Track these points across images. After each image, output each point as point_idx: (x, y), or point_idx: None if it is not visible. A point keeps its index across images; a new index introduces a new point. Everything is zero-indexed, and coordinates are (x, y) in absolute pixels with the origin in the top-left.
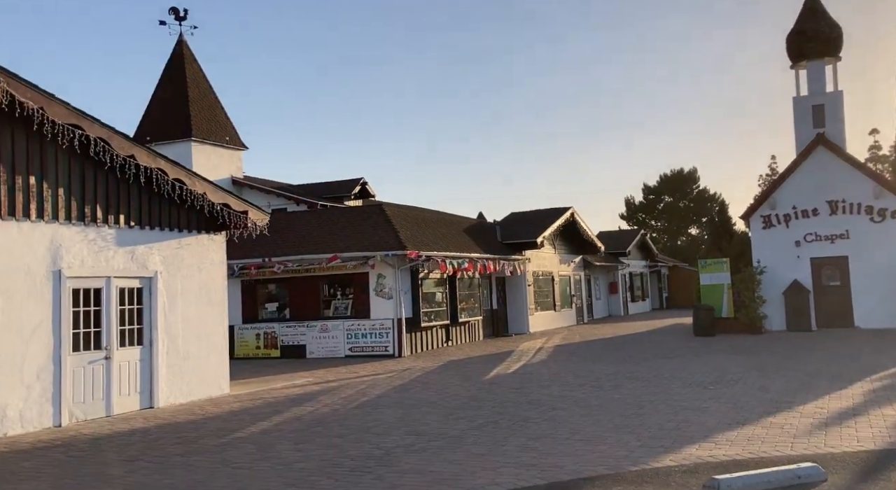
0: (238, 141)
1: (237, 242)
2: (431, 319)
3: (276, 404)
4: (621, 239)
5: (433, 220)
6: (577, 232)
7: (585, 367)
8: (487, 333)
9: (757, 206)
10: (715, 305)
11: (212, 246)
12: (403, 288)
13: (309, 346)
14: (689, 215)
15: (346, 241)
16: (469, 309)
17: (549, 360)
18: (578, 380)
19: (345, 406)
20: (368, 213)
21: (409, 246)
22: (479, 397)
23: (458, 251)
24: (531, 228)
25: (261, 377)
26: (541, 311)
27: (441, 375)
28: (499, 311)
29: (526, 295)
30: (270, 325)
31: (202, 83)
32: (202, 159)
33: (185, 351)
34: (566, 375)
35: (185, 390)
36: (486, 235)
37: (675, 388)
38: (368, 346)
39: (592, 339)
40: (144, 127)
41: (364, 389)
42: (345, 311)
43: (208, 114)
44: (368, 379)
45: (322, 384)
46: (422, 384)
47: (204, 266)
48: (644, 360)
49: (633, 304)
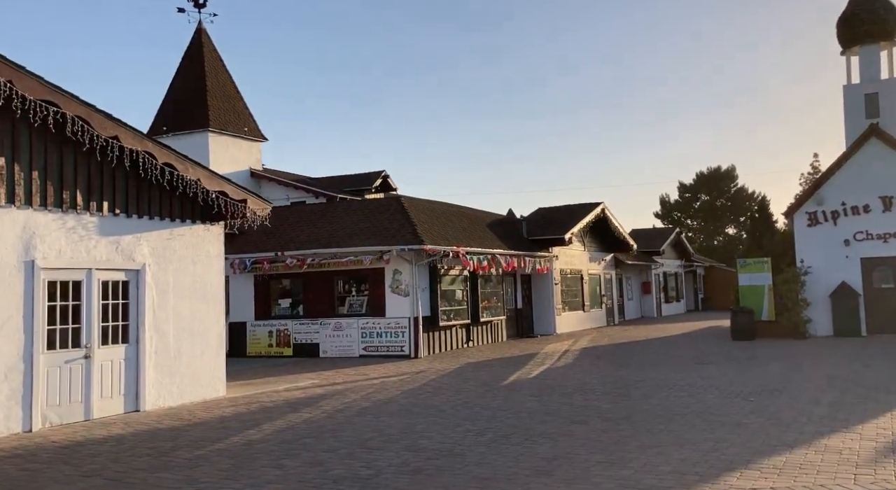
0: (257, 132)
1: (249, 236)
2: (451, 318)
3: (271, 409)
4: (655, 237)
5: (454, 213)
6: (608, 228)
7: (613, 373)
8: (511, 334)
9: (802, 201)
10: (755, 308)
11: (208, 237)
12: (421, 285)
13: (322, 344)
14: (726, 214)
15: (360, 235)
16: (492, 308)
17: (575, 365)
18: (604, 387)
19: (345, 413)
20: (385, 206)
21: (427, 240)
22: (492, 406)
23: (480, 247)
24: (559, 224)
25: (265, 378)
26: (568, 312)
27: (456, 379)
28: (524, 311)
29: (553, 294)
30: (283, 322)
31: (221, 73)
32: (220, 151)
33: (177, 350)
34: (591, 382)
35: (175, 392)
36: (511, 231)
37: (712, 399)
38: (383, 346)
39: (622, 341)
40: (161, 118)
41: (370, 394)
42: (359, 309)
43: (227, 104)
44: (377, 382)
45: (327, 387)
46: (433, 389)
47: (199, 258)
48: (678, 366)
49: (667, 306)
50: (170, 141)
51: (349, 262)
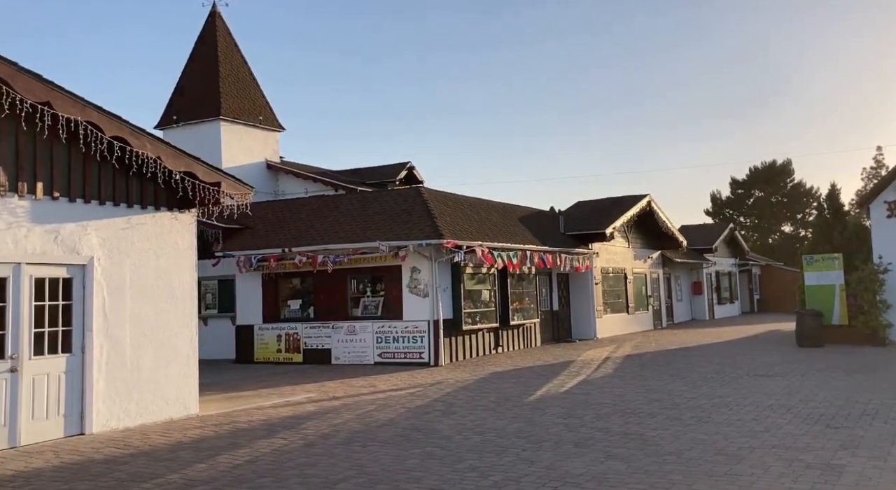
0: (274, 121)
1: (256, 231)
2: (476, 321)
3: (242, 433)
4: (707, 233)
5: (482, 207)
6: (654, 223)
7: (660, 387)
8: (546, 338)
9: (880, 189)
10: (824, 310)
11: (175, 226)
12: (442, 284)
13: (334, 350)
14: (781, 211)
15: (375, 230)
16: (524, 310)
17: (615, 376)
18: (649, 406)
19: (328, 439)
20: (404, 198)
21: (448, 234)
22: (509, 431)
23: (510, 242)
24: (600, 218)
25: (260, 389)
26: (610, 314)
27: (474, 394)
28: (560, 313)
29: (593, 294)
30: (293, 325)
31: (235, 58)
32: (233, 140)
33: (135, 360)
34: (634, 399)
35: (132, 411)
36: (546, 226)
37: (785, 426)
38: (400, 353)
39: (671, 347)
40: (173, 107)
41: (368, 413)
42: (374, 311)
43: (241, 91)
44: (383, 396)
45: (323, 402)
46: (445, 406)
47: (164, 251)
48: (737, 378)
49: (720, 307)
50: (180, 131)
51: (363, 258)
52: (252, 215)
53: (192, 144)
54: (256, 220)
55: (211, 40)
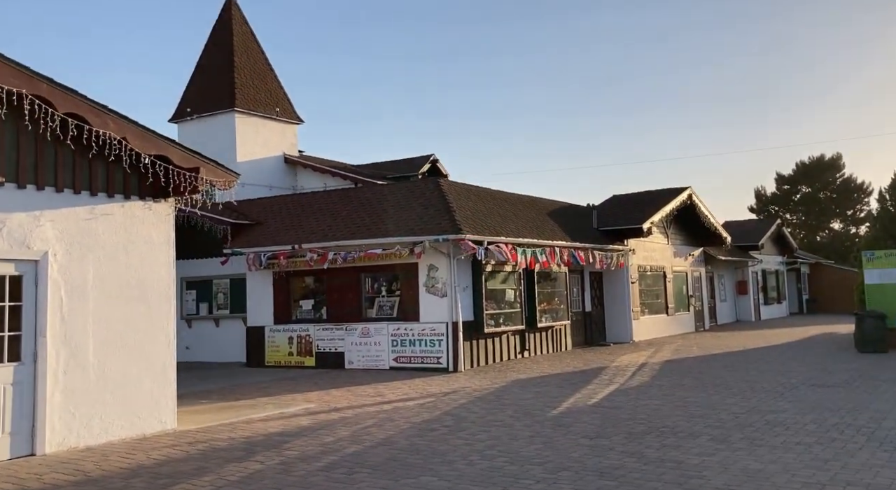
0: (292, 113)
1: (267, 227)
2: (499, 324)
3: (217, 454)
4: (752, 230)
5: (506, 200)
6: (696, 218)
7: (703, 399)
8: (578, 342)
9: None
10: (888, 312)
11: (149, 218)
12: (461, 283)
13: (348, 354)
14: (830, 207)
15: (389, 224)
16: (552, 311)
17: (653, 385)
18: (691, 423)
19: (310, 463)
20: (421, 190)
21: (467, 229)
22: (524, 455)
23: (536, 238)
24: (637, 212)
25: (257, 398)
26: (648, 315)
27: (491, 405)
28: (593, 315)
29: (628, 294)
30: (305, 327)
31: (252, 48)
32: (249, 133)
33: (100, 369)
34: (673, 414)
35: (96, 428)
36: (577, 221)
37: (858, 452)
38: (417, 357)
39: (715, 352)
40: (186, 100)
41: (367, 429)
42: (390, 312)
43: (257, 82)
44: (389, 408)
45: (320, 415)
46: (454, 422)
47: (135, 246)
48: (791, 389)
49: (767, 308)
50: (194, 125)
51: (376, 256)
52: (263, 211)
53: (206, 138)
54: (267, 215)
55: (226, 29)
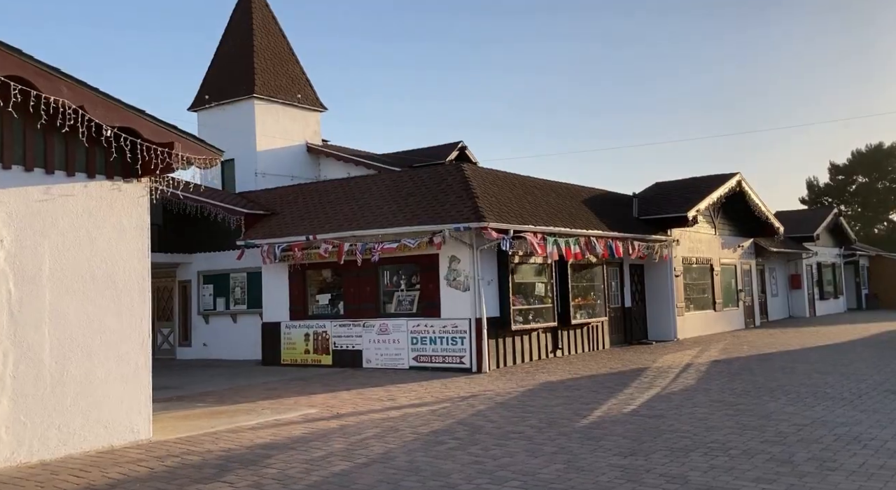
0: (315, 100)
1: (282, 217)
2: (528, 320)
3: (185, 473)
4: (806, 220)
5: (536, 186)
6: (746, 207)
7: (757, 407)
8: (616, 340)
9: None
10: None
11: (119, 201)
12: (486, 276)
13: (365, 352)
14: (889, 198)
15: (407, 213)
16: (588, 306)
17: (699, 389)
18: (744, 437)
19: (287, 487)
20: (442, 176)
21: (491, 217)
22: (542, 478)
23: (569, 227)
24: (681, 200)
25: (257, 401)
26: (693, 311)
27: (513, 412)
28: (633, 311)
29: (672, 288)
30: (321, 323)
31: (272, 31)
32: (269, 121)
33: (58, 373)
34: (722, 425)
35: (52, 440)
36: (616, 210)
37: None
38: (438, 357)
39: (768, 351)
40: (206, 86)
41: (366, 440)
42: (409, 307)
43: (278, 67)
44: (397, 415)
45: (318, 423)
46: (467, 433)
47: (101, 232)
48: (861, 395)
49: (822, 303)
50: (213, 113)
51: (394, 247)
52: (279, 200)
53: (225, 127)
54: (283, 205)
55: (246, 12)
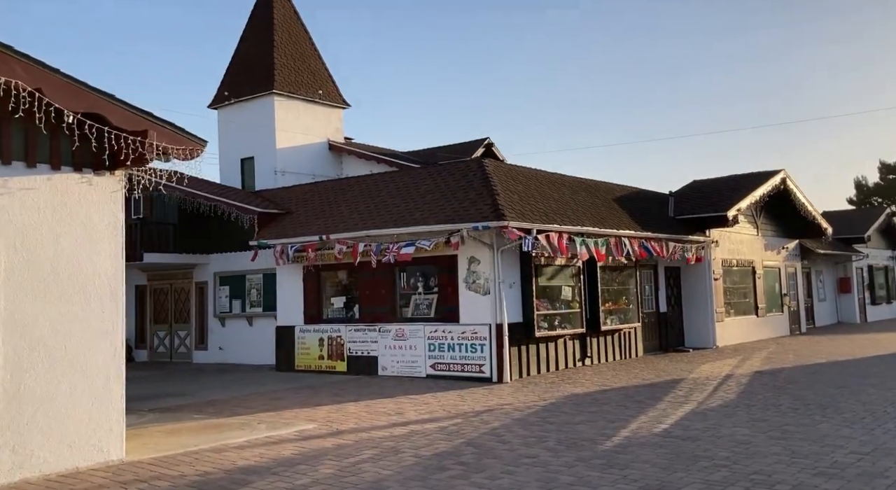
0: (337, 97)
1: (297, 216)
2: (554, 326)
3: None
4: (855, 220)
5: (563, 183)
6: (791, 206)
7: (808, 429)
8: (650, 347)
9: None
10: None
11: (88, 195)
12: (508, 278)
13: (381, 359)
14: None
15: (424, 211)
16: (619, 311)
17: (739, 406)
18: (794, 468)
19: None
20: (462, 172)
21: (512, 215)
22: None
23: (597, 226)
24: (720, 199)
25: (257, 414)
26: (734, 317)
27: (529, 432)
28: (669, 316)
29: (710, 292)
30: (336, 327)
31: (294, 27)
32: (289, 118)
33: (13, 387)
34: (767, 451)
35: (5, 462)
36: (651, 209)
37: None
38: (456, 365)
39: (817, 361)
40: (226, 83)
41: (358, 465)
42: (427, 311)
43: (299, 63)
44: (401, 432)
45: (310, 442)
46: (475, 456)
47: (69, 230)
48: None
49: (874, 308)
50: (232, 110)
51: (410, 251)
52: (294, 199)
53: (245, 124)
54: (299, 204)
55: (267, 6)
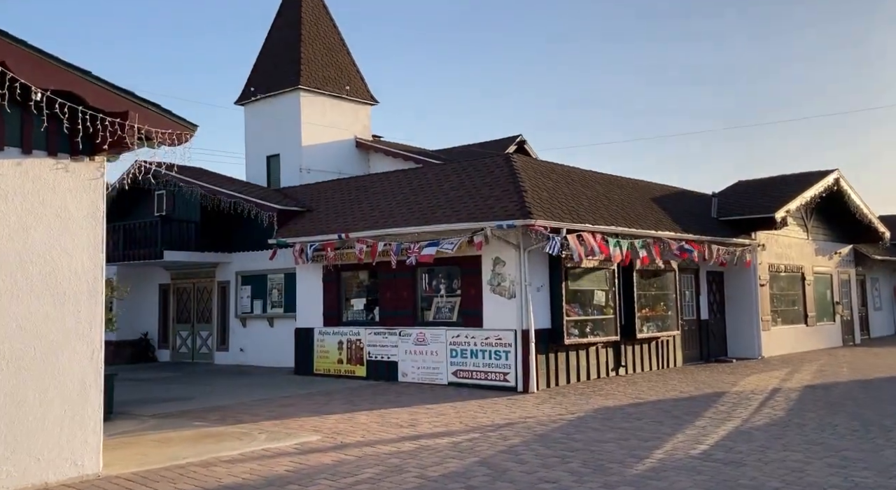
0: (365, 93)
1: (317, 213)
2: (585, 333)
3: None
4: None
5: (597, 181)
6: (844, 208)
7: (871, 456)
8: (690, 356)
9: None
10: None
11: (64, 182)
12: (536, 281)
13: (401, 364)
14: None
15: (446, 209)
16: (657, 318)
17: (790, 424)
18: None
19: None
20: (489, 168)
21: (539, 213)
22: None
23: (634, 227)
24: (767, 200)
25: (260, 422)
26: (781, 325)
27: (551, 451)
28: (711, 324)
29: (756, 299)
30: (356, 330)
31: (322, 21)
32: (315, 114)
33: None
34: (826, 483)
35: None
36: (692, 209)
37: None
38: (479, 373)
39: (875, 375)
40: (253, 79)
41: (356, 485)
42: (449, 315)
43: (327, 57)
44: (410, 448)
45: (308, 457)
46: (488, 479)
47: (41, 220)
48: None
49: None
50: (259, 106)
51: (431, 253)
52: (316, 196)
53: (270, 120)
54: (320, 201)
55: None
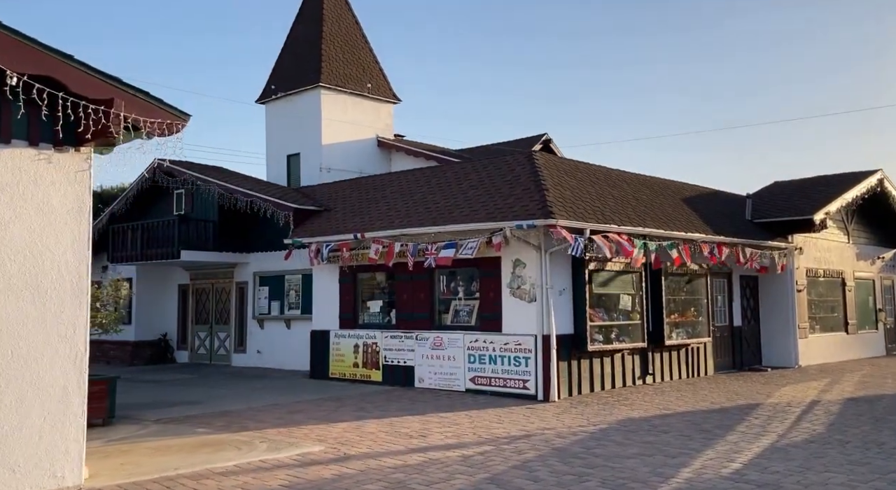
0: (387, 91)
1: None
2: (611, 339)
3: None
4: None
5: (623, 180)
6: (888, 211)
7: None
8: (722, 365)
9: None
10: None
11: (46, 175)
12: (558, 284)
13: (418, 369)
14: None
15: (465, 208)
16: (687, 324)
17: (831, 441)
18: None
19: None
20: (510, 166)
21: (561, 213)
22: None
23: (663, 228)
24: (805, 201)
25: (264, 430)
26: (819, 333)
27: (567, 468)
28: (744, 331)
29: (793, 305)
30: (372, 333)
31: (344, 18)
32: (336, 112)
33: None
34: None
35: None
36: (724, 211)
37: None
38: (498, 379)
39: None
40: (274, 77)
41: None
42: (467, 319)
43: (348, 55)
44: (416, 461)
45: (307, 470)
46: None
47: (17, 215)
48: None
49: None
50: (280, 104)
51: (449, 255)
52: (334, 195)
53: (291, 119)
54: (337, 201)
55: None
